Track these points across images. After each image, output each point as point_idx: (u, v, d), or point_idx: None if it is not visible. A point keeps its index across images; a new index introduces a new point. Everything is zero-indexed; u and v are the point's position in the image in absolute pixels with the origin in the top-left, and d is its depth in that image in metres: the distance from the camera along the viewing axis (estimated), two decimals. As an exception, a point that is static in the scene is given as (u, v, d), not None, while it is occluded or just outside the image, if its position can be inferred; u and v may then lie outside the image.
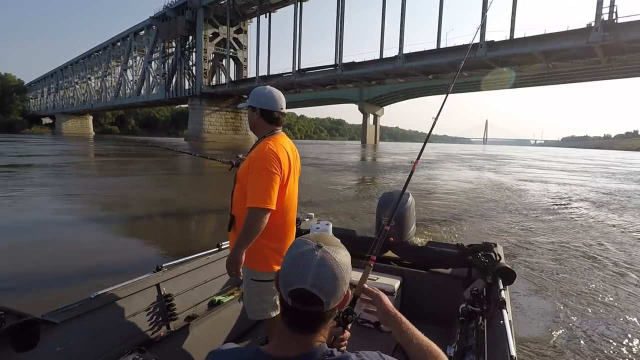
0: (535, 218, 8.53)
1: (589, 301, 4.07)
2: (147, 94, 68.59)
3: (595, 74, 44.49)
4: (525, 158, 45.33)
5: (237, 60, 62.68)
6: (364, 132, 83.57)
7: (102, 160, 25.25)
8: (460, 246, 2.54)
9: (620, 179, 19.60)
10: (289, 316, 0.78)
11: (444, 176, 18.24)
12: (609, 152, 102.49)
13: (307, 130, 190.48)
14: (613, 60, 29.60)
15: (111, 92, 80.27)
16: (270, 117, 1.85)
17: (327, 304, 0.75)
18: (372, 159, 33.98)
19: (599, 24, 25.20)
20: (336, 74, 42.12)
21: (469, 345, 1.77)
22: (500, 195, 12.01)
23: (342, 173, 18.63)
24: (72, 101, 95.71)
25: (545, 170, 25.30)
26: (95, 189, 11.53)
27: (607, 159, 51.03)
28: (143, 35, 68.84)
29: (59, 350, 1.54)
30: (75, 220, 7.36)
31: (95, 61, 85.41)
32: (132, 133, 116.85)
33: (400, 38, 37.08)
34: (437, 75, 40.10)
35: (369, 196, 11.13)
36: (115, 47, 77.78)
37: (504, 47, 30.35)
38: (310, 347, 0.77)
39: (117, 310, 1.81)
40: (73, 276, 4.31)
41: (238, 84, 55.94)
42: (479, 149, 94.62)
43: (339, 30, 43.24)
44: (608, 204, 10.86)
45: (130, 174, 16.12)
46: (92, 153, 31.77)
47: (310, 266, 0.74)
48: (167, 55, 63.40)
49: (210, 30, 58.66)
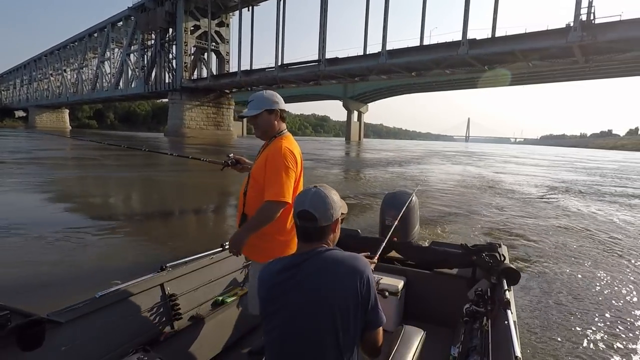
0: (498, 194, 11.93)
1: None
2: (125, 87, 66.61)
3: (573, 74, 45.53)
4: (503, 155, 46.99)
5: (219, 54, 61.41)
6: (348, 129, 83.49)
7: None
8: (464, 246, 2.54)
9: (577, 173, 22.85)
10: (299, 232, 1.19)
11: (434, 169, 21.58)
12: (584, 150, 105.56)
13: (292, 126, 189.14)
14: (590, 60, 30.16)
15: (88, 85, 77.61)
16: (284, 117, 1.97)
17: (319, 220, 1.14)
18: (355, 155, 34.31)
19: (577, 24, 25.55)
20: (319, 69, 41.68)
21: (473, 345, 1.77)
22: (477, 182, 15.28)
23: (340, 167, 21.23)
24: (47, 94, 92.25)
25: (519, 165, 28.29)
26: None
27: (577, 156, 53.10)
28: (121, 26, 66.63)
29: (64, 350, 1.55)
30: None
31: (71, 52, 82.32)
32: (111, 128, 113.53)
33: (384, 34, 36.88)
34: (420, 73, 40.17)
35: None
36: (92, 38, 75.06)
37: (486, 45, 30.52)
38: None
39: (121, 309, 1.83)
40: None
41: (220, 78, 54.84)
42: (462, 147, 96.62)
43: (322, 25, 42.77)
44: (556, 189, 14.23)
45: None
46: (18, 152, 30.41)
47: (308, 195, 1.17)
48: (146, 48, 61.66)
49: (191, 22, 57.17)
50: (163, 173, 15.79)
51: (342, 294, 1.06)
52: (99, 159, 19.63)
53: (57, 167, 15.93)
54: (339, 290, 1.06)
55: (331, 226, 1.18)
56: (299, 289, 1.09)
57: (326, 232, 1.17)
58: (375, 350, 1.17)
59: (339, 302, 1.05)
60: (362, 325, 1.10)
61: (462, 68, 37.67)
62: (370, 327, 1.11)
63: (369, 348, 1.15)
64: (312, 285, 1.08)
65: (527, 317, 3.51)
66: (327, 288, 1.07)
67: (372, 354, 1.17)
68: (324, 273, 1.09)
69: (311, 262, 1.11)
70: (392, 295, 2.37)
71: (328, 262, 1.11)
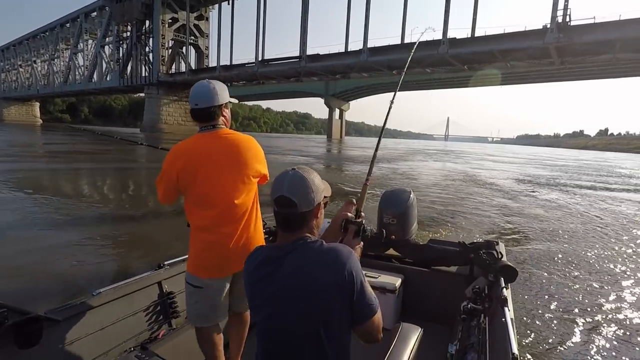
0: (478, 186, 14.13)
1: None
2: (99, 80, 64.39)
3: (549, 75, 46.65)
4: (480, 154, 48.59)
5: (198, 49, 59.97)
6: (329, 126, 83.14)
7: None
8: (461, 244, 2.53)
9: (542, 169, 25.18)
10: (277, 220, 1.09)
11: (419, 165, 24.19)
12: (557, 150, 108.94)
13: (274, 123, 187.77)
14: (566, 62, 30.87)
15: (59, 77, 74.57)
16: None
17: (299, 206, 1.04)
18: (338, 152, 34.48)
19: (554, 26, 26.03)
20: (300, 65, 41.19)
21: (470, 343, 1.77)
22: (459, 177, 17.26)
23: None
24: (15, 85, 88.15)
25: (495, 162, 30.25)
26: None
27: (549, 155, 54.97)
28: (95, 17, 64.24)
29: (62, 348, 1.55)
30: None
31: (42, 43, 78.87)
32: (85, 122, 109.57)
33: (365, 32, 36.75)
34: (401, 71, 40.19)
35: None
36: (64, 29, 72.08)
37: (466, 44, 30.79)
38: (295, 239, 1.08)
39: (119, 307, 1.81)
40: None
41: (198, 73, 53.48)
42: (441, 145, 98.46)
43: (303, 21, 42.26)
44: (520, 180, 16.86)
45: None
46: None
47: (285, 179, 1.06)
48: (121, 40, 59.59)
49: (169, 15, 55.54)
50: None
51: (325, 288, 1.02)
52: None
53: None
54: (321, 284, 1.02)
55: (313, 211, 1.09)
56: (280, 283, 1.05)
57: (307, 218, 1.08)
58: (372, 339, 1.09)
59: (322, 296, 1.02)
60: (351, 317, 1.05)
61: (443, 67, 37.99)
62: (360, 319, 1.05)
63: (365, 338, 1.09)
64: (293, 281, 1.04)
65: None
66: (309, 282, 1.03)
67: (370, 341, 1.10)
68: (306, 267, 1.04)
69: (293, 255, 1.05)
70: (390, 292, 2.41)
71: (310, 256, 1.05)
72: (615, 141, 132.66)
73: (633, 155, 71.68)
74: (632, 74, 41.73)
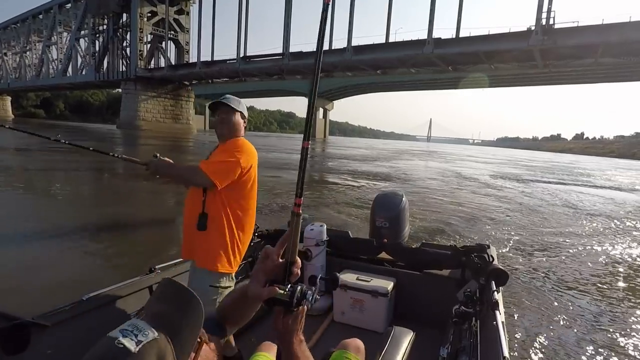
0: (452, 176, 17.76)
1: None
2: (74, 74, 61.80)
3: (531, 79, 47.06)
4: (461, 154, 50.17)
5: (178, 44, 58.32)
6: (313, 126, 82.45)
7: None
8: (453, 247, 2.57)
9: (517, 168, 27.86)
10: None
11: (409, 164, 25.85)
12: (535, 152, 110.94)
13: (257, 122, 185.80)
14: (549, 65, 30.97)
15: (32, 70, 71.45)
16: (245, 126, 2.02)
17: None
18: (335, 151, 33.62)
19: (538, 28, 25.98)
20: (283, 62, 40.30)
21: (462, 346, 1.78)
22: (438, 170, 21.05)
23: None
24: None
25: (473, 162, 32.97)
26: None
27: (526, 157, 57.20)
28: (70, 8, 61.71)
29: (50, 354, 1.51)
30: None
31: (13, 34, 75.59)
32: (61, 118, 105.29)
33: (349, 29, 36.15)
34: (386, 71, 39.93)
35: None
36: (37, 20, 69.13)
37: (451, 45, 30.54)
38: None
39: (109, 312, 1.77)
40: None
41: (178, 69, 51.98)
42: (424, 146, 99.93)
43: (286, 17, 41.36)
44: (496, 176, 19.82)
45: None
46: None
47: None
48: (97, 33, 57.31)
49: (148, 8, 53.72)
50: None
51: None
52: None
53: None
54: None
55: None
56: None
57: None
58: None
59: None
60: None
61: (427, 68, 37.76)
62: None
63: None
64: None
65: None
66: None
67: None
68: None
69: None
70: (382, 296, 2.42)
71: None
72: (591, 145, 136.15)
73: (607, 159, 73.88)
74: (610, 79, 42.51)
